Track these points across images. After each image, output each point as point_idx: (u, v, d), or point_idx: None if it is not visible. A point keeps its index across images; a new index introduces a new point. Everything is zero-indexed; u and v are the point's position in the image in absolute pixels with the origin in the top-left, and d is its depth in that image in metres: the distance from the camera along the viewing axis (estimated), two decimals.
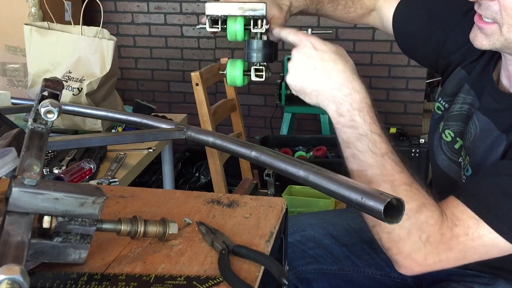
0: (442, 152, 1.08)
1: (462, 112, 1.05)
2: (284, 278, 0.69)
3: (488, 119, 0.97)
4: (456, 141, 1.05)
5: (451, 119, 1.07)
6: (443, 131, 1.08)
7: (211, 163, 1.90)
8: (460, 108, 1.06)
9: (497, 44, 0.89)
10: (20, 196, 0.60)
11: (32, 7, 2.28)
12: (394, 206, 0.64)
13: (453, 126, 1.06)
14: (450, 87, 1.11)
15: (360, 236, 1.31)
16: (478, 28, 0.91)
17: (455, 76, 1.10)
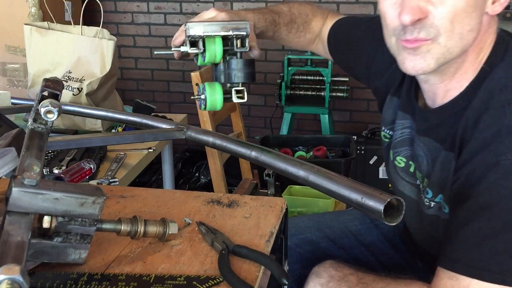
0: (400, 178, 1.10)
1: (404, 137, 1.07)
2: (284, 278, 0.69)
3: (429, 138, 0.99)
4: (410, 165, 1.07)
5: (398, 145, 1.09)
6: (394, 158, 1.10)
7: (211, 163, 1.90)
8: (401, 133, 1.08)
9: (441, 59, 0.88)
10: (20, 196, 0.60)
11: (32, 7, 2.28)
12: (394, 206, 0.64)
13: (402, 151, 1.08)
14: (388, 116, 1.13)
15: (358, 239, 1.31)
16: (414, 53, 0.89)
17: (389, 104, 1.12)
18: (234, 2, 3.19)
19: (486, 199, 0.85)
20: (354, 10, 3.00)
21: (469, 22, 0.85)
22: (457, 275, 0.85)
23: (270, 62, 3.23)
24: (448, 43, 0.86)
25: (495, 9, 0.88)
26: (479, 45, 0.91)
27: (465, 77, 0.93)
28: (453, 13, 0.84)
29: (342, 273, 0.98)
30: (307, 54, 2.84)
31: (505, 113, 0.86)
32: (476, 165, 0.86)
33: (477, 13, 0.86)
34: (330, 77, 2.73)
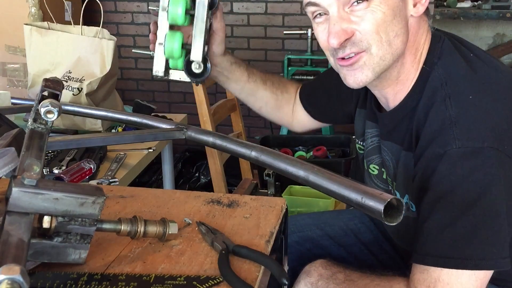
0: (376, 185, 1.14)
1: (374, 145, 1.12)
2: (284, 278, 0.69)
3: (391, 142, 1.03)
4: (382, 171, 1.11)
5: (369, 154, 1.14)
6: (368, 167, 1.15)
7: (211, 163, 1.90)
8: (371, 142, 1.13)
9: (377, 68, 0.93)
10: (20, 196, 0.60)
11: (32, 7, 2.28)
12: (394, 206, 0.64)
13: (374, 159, 1.12)
14: (358, 128, 1.18)
15: (358, 237, 1.32)
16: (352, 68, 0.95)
17: (358, 116, 1.18)
18: (234, 2, 3.19)
19: (440, 189, 0.89)
20: None
21: (393, 29, 0.91)
22: (427, 268, 0.90)
23: (270, 62, 3.23)
24: (380, 52, 0.92)
25: (418, 10, 0.93)
26: (414, 46, 0.97)
27: (408, 78, 0.98)
28: (375, 25, 0.90)
29: (330, 271, 1.02)
30: (307, 54, 2.84)
31: (446, 106, 0.91)
32: (427, 158, 0.91)
33: (398, 19, 0.91)
34: None
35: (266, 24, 3.18)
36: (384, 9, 0.90)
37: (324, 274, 1.01)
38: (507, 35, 2.91)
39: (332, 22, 0.92)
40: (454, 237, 0.88)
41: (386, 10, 0.90)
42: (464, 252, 0.88)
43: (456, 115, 0.90)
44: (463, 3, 2.95)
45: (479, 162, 0.87)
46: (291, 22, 3.13)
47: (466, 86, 0.93)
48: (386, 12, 0.90)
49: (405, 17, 0.92)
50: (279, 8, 3.14)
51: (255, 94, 1.26)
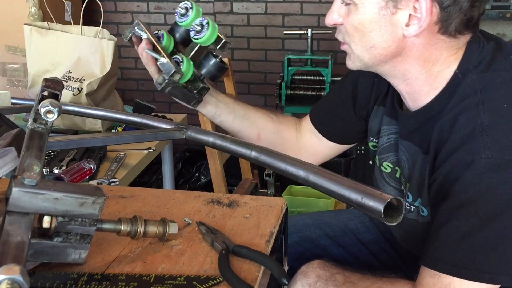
0: (386, 183, 1.12)
1: (391, 142, 1.10)
2: (284, 278, 0.69)
3: (410, 143, 1.02)
4: (396, 170, 1.09)
5: (384, 151, 1.11)
6: (380, 164, 1.12)
7: (211, 163, 1.90)
8: (388, 139, 1.10)
9: (357, 63, 0.98)
10: (20, 196, 0.60)
11: (32, 7, 2.27)
12: (394, 206, 0.64)
13: (388, 157, 1.10)
14: (374, 125, 1.15)
15: (357, 237, 1.32)
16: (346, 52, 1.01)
17: (375, 114, 1.15)
18: (234, 2, 3.19)
19: (463, 197, 0.87)
20: None
21: (369, 40, 0.93)
22: (439, 274, 0.88)
23: (270, 62, 3.23)
24: (356, 51, 0.96)
25: (409, 31, 0.91)
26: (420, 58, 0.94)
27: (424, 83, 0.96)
28: (351, 28, 0.95)
29: (329, 272, 1.00)
30: (307, 54, 2.84)
31: (479, 112, 0.88)
32: (452, 164, 0.88)
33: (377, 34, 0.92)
34: (330, 77, 2.73)
35: (266, 24, 3.18)
36: (360, 19, 0.92)
37: (323, 276, 0.99)
38: (507, 35, 2.91)
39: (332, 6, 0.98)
40: (472, 248, 0.86)
41: (362, 20, 0.92)
42: (481, 264, 0.86)
43: (489, 123, 0.87)
44: None
45: (507, 175, 0.84)
46: (291, 22, 3.13)
47: (502, 94, 0.90)
48: (362, 23, 0.92)
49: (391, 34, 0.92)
50: (279, 8, 3.14)
51: (248, 117, 1.23)
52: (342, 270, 1.00)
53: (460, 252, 0.87)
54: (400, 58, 0.95)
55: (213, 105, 1.20)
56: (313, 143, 1.27)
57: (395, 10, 0.90)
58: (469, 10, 0.89)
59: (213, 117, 1.22)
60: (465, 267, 0.86)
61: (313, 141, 1.26)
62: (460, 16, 0.89)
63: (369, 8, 0.91)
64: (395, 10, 0.90)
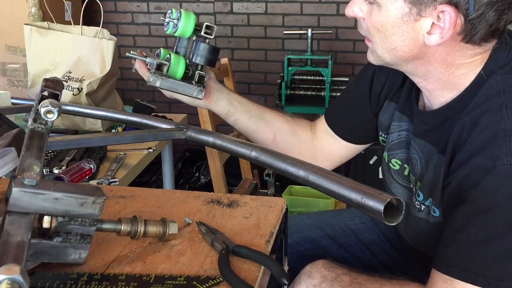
0: (394, 180, 1.10)
1: (401, 139, 1.08)
2: (284, 278, 0.69)
3: (424, 141, 0.99)
4: (404, 168, 1.07)
5: (393, 148, 1.09)
6: (389, 161, 1.11)
7: (211, 163, 1.90)
8: (398, 136, 1.08)
9: (378, 60, 0.97)
10: (20, 196, 0.60)
11: (32, 7, 2.27)
12: (394, 206, 0.64)
13: (398, 154, 1.08)
14: (384, 120, 1.14)
15: (358, 237, 1.31)
16: None
17: (385, 109, 1.13)
18: (234, 2, 3.19)
19: (482, 204, 0.85)
20: None
21: (391, 42, 0.92)
22: (452, 279, 0.86)
23: (270, 62, 3.23)
24: (378, 50, 0.95)
25: (430, 40, 0.89)
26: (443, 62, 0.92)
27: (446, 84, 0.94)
28: (373, 29, 0.93)
29: (334, 273, 0.97)
30: (307, 54, 2.84)
31: (502, 116, 0.86)
32: (472, 168, 0.86)
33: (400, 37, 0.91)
34: (330, 77, 2.74)
35: (266, 24, 3.18)
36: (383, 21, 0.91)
37: (328, 276, 0.97)
38: None
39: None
40: (488, 255, 0.84)
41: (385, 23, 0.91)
42: (498, 272, 0.84)
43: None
44: None
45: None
46: (291, 22, 3.13)
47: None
48: (384, 25, 0.91)
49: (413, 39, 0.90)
50: (279, 8, 3.14)
51: (264, 117, 1.22)
52: (348, 271, 0.98)
53: (476, 259, 0.84)
54: (422, 61, 0.93)
55: (227, 102, 1.18)
56: (329, 144, 1.25)
57: (419, 17, 0.88)
58: (496, 22, 0.86)
59: (227, 115, 1.20)
60: (480, 275, 0.84)
61: (329, 143, 1.25)
62: (486, 28, 0.86)
63: (393, 11, 0.89)
64: (419, 17, 0.88)
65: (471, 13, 0.84)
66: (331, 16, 3.06)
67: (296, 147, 1.25)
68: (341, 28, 3.05)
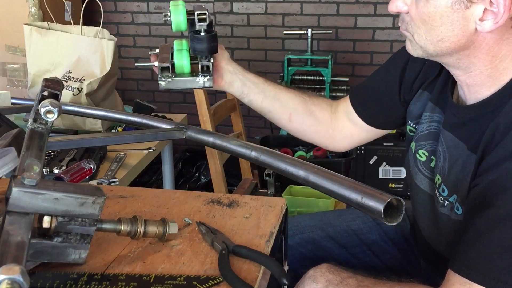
0: (419, 172, 1.09)
1: (431, 130, 1.06)
2: (284, 278, 0.69)
3: (452, 135, 0.98)
4: (431, 159, 1.05)
5: (422, 138, 1.08)
6: (416, 151, 1.09)
7: (211, 163, 1.90)
8: (428, 127, 1.07)
9: (419, 51, 0.95)
10: (20, 196, 0.60)
11: (32, 7, 2.28)
12: (394, 206, 0.64)
13: (426, 145, 1.07)
14: (415, 109, 1.12)
15: (360, 238, 1.31)
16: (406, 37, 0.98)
17: (418, 98, 1.12)
18: (234, 2, 3.19)
19: (509, 210, 0.83)
20: (354, 10, 3.00)
21: (437, 33, 0.90)
22: (471, 283, 0.84)
23: (270, 62, 3.23)
24: (420, 42, 0.93)
25: (483, 27, 0.87)
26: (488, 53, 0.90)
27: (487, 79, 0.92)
28: (418, 20, 0.91)
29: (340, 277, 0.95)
30: (307, 54, 2.84)
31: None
32: (501, 173, 0.85)
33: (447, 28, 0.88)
34: (330, 77, 2.74)
35: (266, 24, 3.18)
36: (431, 11, 0.88)
37: (333, 280, 0.94)
38: None
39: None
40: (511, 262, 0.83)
41: (433, 14, 0.88)
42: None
43: None
44: None
45: None
46: (291, 22, 3.13)
47: None
48: (433, 16, 0.88)
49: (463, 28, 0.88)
50: (279, 8, 3.14)
51: (279, 98, 1.21)
52: (353, 274, 0.96)
53: (498, 264, 0.83)
54: (468, 51, 0.91)
55: (240, 83, 1.17)
56: (349, 125, 1.24)
57: (470, 4, 0.85)
58: None
59: (241, 96, 1.19)
60: (501, 281, 0.82)
61: (350, 124, 1.24)
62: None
63: (442, 1, 0.86)
64: (470, 4, 0.85)
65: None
66: (331, 16, 3.06)
67: (313, 126, 1.25)
68: (341, 28, 3.05)
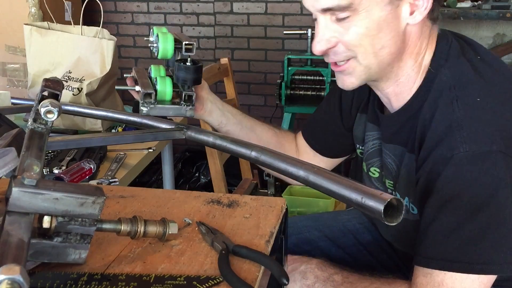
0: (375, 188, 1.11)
1: (375, 148, 1.11)
2: (284, 278, 0.69)
3: (393, 145, 1.03)
4: (382, 174, 1.10)
5: (370, 157, 1.13)
6: (368, 170, 1.14)
7: (211, 163, 1.90)
8: (373, 145, 1.12)
9: (363, 76, 0.96)
10: (20, 196, 0.60)
11: (32, 7, 2.28)
12: (394, 206, 0.64)
13: (375, 162, 1.12)
14: (358, 133, 1.17)
15: (356, 237, 1.32)
16: (341, 73, 0.98)
17: (358, 121, 1.17)
18: (234, 2, 3.19)
19: (446, 193, 0.89)
20: None
21: (379, 42, 0.92)
22: (431, 271, 0.90)
23: (270, 62, 3.23)
24: (365, 62, 0.94)
25: (415, 18, 0.92)
26: (414, 51, 0.96)
27: (410, 80, 0.98)
28: (357, 39, 0.92)
29: (327, 273, 1.00)
30: (307, 54, 2.84)
31: (453, 109, 0.91)
32: (433, 161, 0.90)
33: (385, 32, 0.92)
34: (330, 77, 2.73)
35: (266, 24, 3.18)
36: (367, 24, 0.91)
37: (321, 276, 1.00)
38: (507, 35, 2.91)
39: (318, 30, 0.94)
40: (460, 241, 0.87)
41: (370, 24, 0.91)
42: (471, 256, 0.87)
43: (463, 118, 0.89)
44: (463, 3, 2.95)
45: (487, 166, 0.86)
46: (291, 22, 3.13)
47: (474, 89, 0.92)
48: (370, 27, 0.91)
49: (396, 28, 0.92)
50: (279, 8, 3.14)
51: (254, 130, 1.24)
52: (340, 270, 1.01)
53: (450, 246, 0.88)
54: (400, 55, 0.96)
55: (219, 113, 1.20)
56: (309, 157, 1.29)
57: (398, 2, 0.90)
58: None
59: (220, 126, 1.22)
60: (456, 261, 0.87)
61: (310, 156, 1.30)
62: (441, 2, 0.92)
63: (375, 9, 0.90)
64: (398, 2, 0.90)
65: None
66: None
67: None
68: None
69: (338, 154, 1.30)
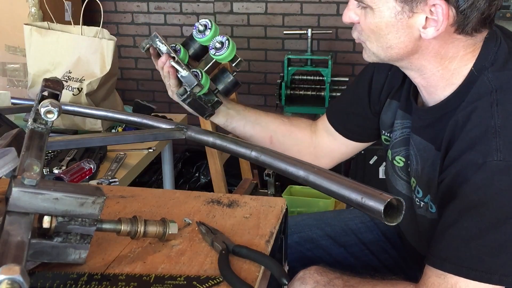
0: (399, 177, 1.11)
1: (404, 136, 1.09)
2: (284, 278, 0.69)
3: (420, 138, 1.01)
4: (408, 164, 1.08)
5: (396, 145, 1.11)
6: (393, 158, 1.12)
7: (211, 163, 1.90)
8: (401, 133, 1.10)
9: (374, 58, 0.99)
10: (20, 196, 0.60)
11: (32, 7, 2.27)
12: (394, 206, 0.64)
13: (401, 151, 1.10)
14: (386, 119, 1.15)
15: (358, 237, 1.32)
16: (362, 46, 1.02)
17: (387, 107, 1.15)
18: (234, 2, 3.19)
19: (473, 199, 0.87)
20: None
21: (385, 41, 0.93)
22: (445, 274, 0.88)
23: (270, 62, 3.23)
24: (372, 49, 0.97)
25: (426, 34, 0.90)
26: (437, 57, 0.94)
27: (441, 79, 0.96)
28: (367, 29, 0.95)
29: (327, 277, 0.99)
30: (307, 54, 2.84)
31: (492, 114, 0.88)
32: (463, 164, 0.88)
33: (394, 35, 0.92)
34: (330, 77, 2.73)
35: (266, 24, 3.18)
36: (377, 23, 0.92)
37: (321, 281, 0.98)
38: None
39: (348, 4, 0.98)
40: (480, 249, 0.86)
41: (380, 24, 0.92)
42: (490, 266, 0.86)
43: (501, 125, 0.87)
44: None
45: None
46: (291, 22, 3.13)
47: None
48: (379, 26, 0.92)
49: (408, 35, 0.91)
50: (279, 8, 3.14)
51: (259, 122, 1.26)
52: (340, 275, 1.00)
53: (468, 253, 0.87)
54: (417, 55, 0.94)
55: (224, 113, 1.23)
56: (329, 142, 1.27)
57: (411, 14, 0.89)
58: (487, 9, 0.87)
59: (225, 124, 1.25)
60: (473, 268, 0.86)
61: (329, 140, 1.27)
62: (477, 16, 0.88)
63: (386, 12, 0.90)
64: (411, 14, 0.89)
65: (461, 4, 0.86)
66: (331, 16, 3.06)
67: (294, 146, 1.28)
68: (341, 28, 3.05)
69: (360, 138, 1.26)
